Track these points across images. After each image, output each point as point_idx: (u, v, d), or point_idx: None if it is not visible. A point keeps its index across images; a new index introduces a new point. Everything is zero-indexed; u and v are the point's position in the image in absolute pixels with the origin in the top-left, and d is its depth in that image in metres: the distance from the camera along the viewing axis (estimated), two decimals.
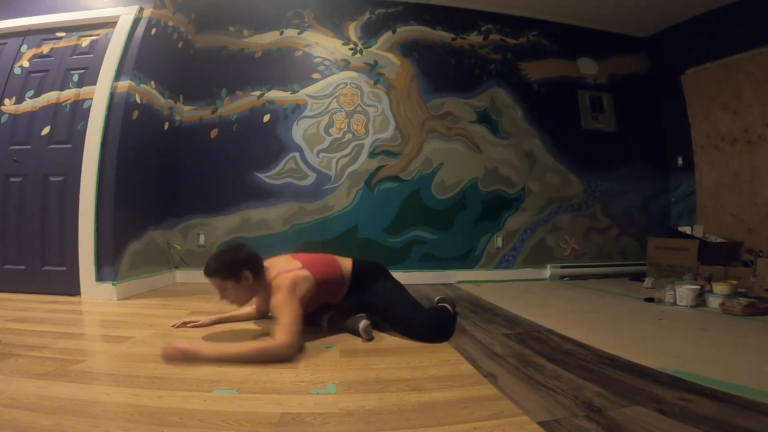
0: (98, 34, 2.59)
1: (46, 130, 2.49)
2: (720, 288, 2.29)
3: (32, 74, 2.58)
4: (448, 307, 1.96)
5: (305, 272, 1.60)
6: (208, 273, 1.53)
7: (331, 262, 1.76)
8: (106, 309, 2.13)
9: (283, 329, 1.39)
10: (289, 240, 3.13)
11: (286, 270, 1.59)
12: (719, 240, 3.10)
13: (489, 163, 3.46)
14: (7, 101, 2.55)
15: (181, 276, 3.07)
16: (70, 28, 2.62)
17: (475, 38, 3.55)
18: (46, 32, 2.63)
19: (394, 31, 3.42)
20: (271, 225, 3.14)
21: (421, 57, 3.44)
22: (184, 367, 1.24)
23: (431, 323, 1.68)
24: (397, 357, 1.41)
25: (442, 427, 0.91)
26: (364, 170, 3.26)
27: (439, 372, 1.27)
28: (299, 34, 3.33)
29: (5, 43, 2.64)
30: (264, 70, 3.25)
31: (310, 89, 3.28)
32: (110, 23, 2.58)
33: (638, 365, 1.33)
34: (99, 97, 2.45)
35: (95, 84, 2.48)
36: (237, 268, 1.52)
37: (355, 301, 1.78)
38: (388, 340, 1.62)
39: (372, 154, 3.28)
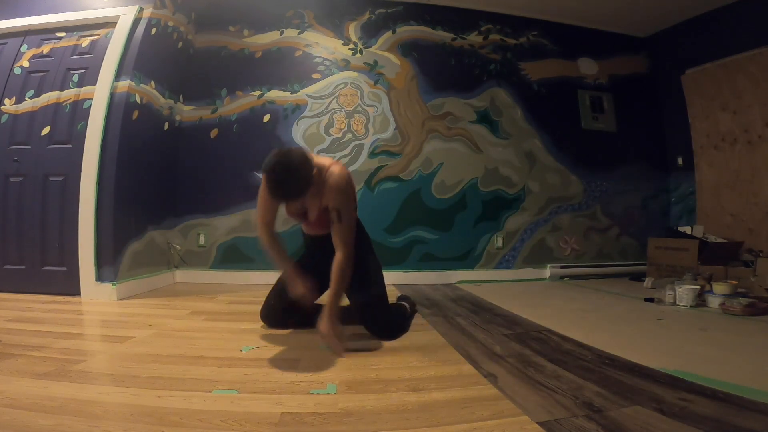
0: (98, 34, 2.59)
1: (46, 130, 2.49)
2: (720, 288, 2.29)
3: (32, 74, 2.57)
4: (407, 306, 2.00)
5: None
6: (291, 196, 1.33)
7: None
8: (106, 309, 2.13)
9: (345, 241, 1.42)
10: (289, 240, 3.12)
11: (331, 162, 1.48)
12: (719, 240, 3.10)
13: (489, 163, 3.46)
14: (7, 101, 2.55)
15: (181, 276, 3.07)
16: (70, 28, 2.62)
17: (475, 38, 3.55)
18: (46, 32, 2.63)
19: (394, 31, 3.42)
20: None
21: (421, 57, 3.43)
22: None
23: (393, 326, 1.71)
24: (397, 357, 1.41)
25: (442, 427, 0.91)
26: (364, 170, 3.26)
27: (439, 372, 1.27)
28: (299, 34, 3.33)
29: (5, 43, 2.64)
30: (264, 70, 3.25)
31: (310, 89, 3.28)
32: (110, 23, 2.58)
33: (638, 365, 1.33)
34: (99, 97, 2.45)
35: (95, 84, 2.47)
36: (310, 170, 1.32)
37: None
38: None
39: (372, 154, 3.28)
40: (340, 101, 3.29)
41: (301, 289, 1.53)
